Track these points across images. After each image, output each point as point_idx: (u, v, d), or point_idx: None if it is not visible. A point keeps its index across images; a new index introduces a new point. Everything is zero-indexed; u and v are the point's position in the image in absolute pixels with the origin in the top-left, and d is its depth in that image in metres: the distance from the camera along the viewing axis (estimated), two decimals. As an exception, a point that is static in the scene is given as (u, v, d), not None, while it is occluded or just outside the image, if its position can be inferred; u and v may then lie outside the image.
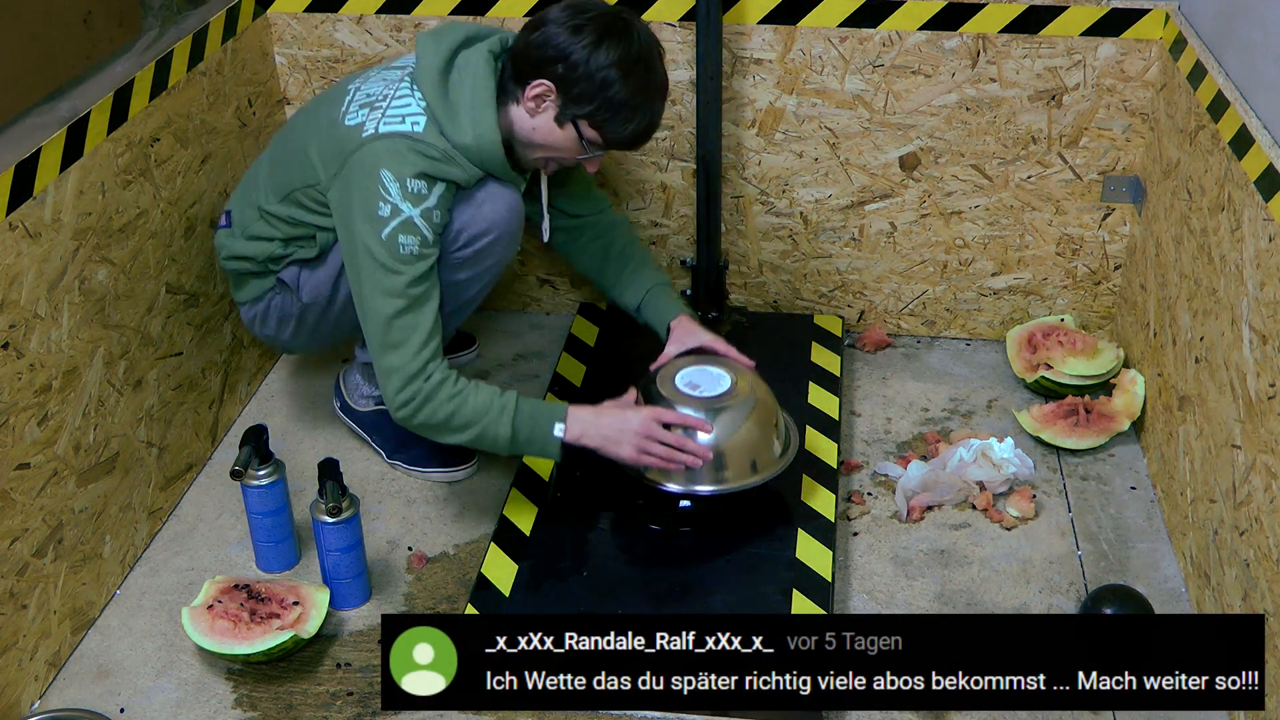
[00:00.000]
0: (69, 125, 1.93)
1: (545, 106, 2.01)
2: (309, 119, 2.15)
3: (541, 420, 2.04)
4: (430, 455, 2.37)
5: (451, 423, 2.02)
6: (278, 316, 2.25)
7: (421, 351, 2.00)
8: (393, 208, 1.96)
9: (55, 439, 1.93)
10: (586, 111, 1.99)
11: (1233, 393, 1.91)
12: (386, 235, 1.97)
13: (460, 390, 2.01)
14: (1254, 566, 1.79)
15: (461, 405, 2.01)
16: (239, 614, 1.95)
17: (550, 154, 2.08)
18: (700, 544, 2.13)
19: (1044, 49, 2.44)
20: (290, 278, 2.20)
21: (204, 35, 2.33)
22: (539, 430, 2.04)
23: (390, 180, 1.96)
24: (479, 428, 2.02)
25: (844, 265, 2.73)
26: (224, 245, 2.24)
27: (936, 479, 2.27)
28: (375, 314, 2.00)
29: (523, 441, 2.04)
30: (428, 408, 2.00)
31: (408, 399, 2.00)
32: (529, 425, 2.04)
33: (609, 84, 1.96)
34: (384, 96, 2.04)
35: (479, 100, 2.01)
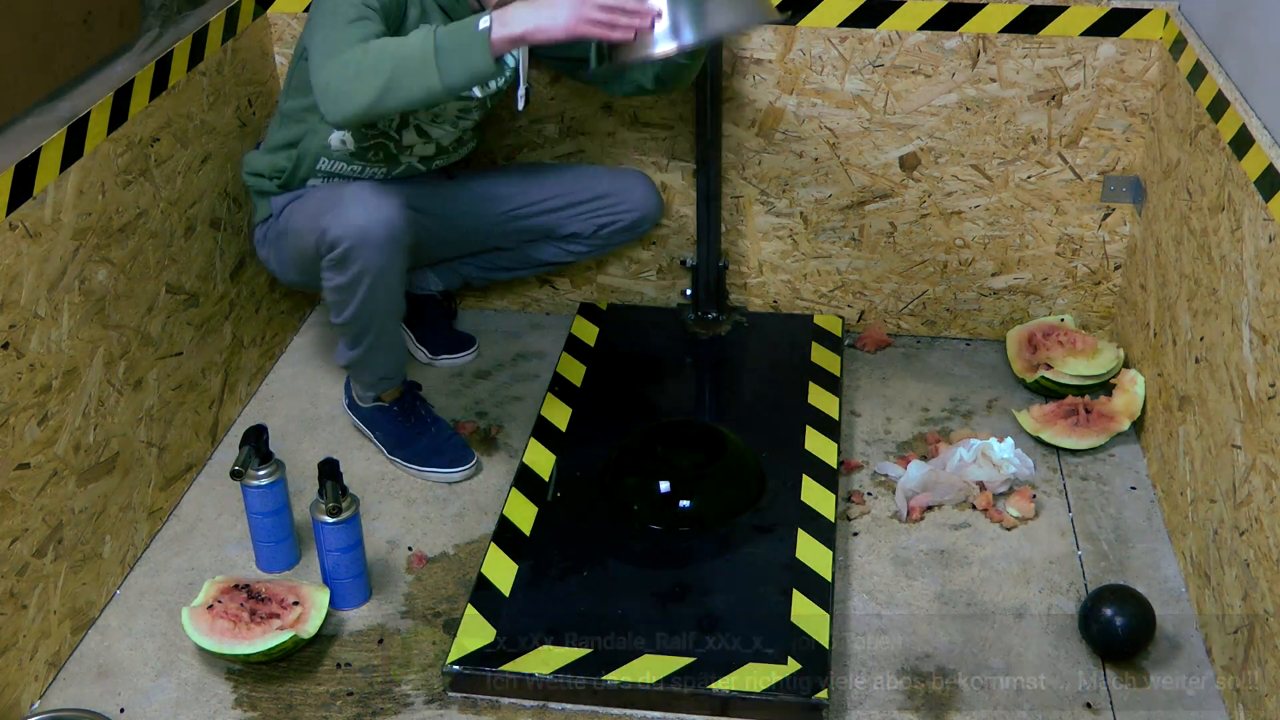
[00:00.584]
0: (69, 125, 1.93)
1: None
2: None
3: (464, 26, 1.91)
4: (430, 454, 2.37)
5: (363, 64, 1.92)
6: (264, 239, 2.39)
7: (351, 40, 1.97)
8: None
9: (55, 439, 1.93)
10: None
11: (1233, 393, 1.91)
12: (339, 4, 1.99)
13: (368, 37, 1.97)
14: (1254, 566, 1.79)
15: (370, 45, 1.93)
16: (239, 614, 1.95)
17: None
18: (700, 544, 2.13)
19: (1044, 49, 2.44)
20: (277, 205, 2.33)
21: (204, 35, 2.33)
22: (461, 34, 1.90)
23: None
24: (395, 55, 1.91)
25: (844, 265, 2.73)
26: (247, 161, 2.39)
27: (936, 479, 2.27)
28: (319, 32, 1.99)
29: (447, 50, 1.90)
30: (334, 65, 1.94)
31: (333, 63, 1.94)
32: (450, 35, 1.91)
33: None
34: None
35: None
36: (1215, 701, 1.89)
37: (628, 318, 2.79)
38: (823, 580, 2.03)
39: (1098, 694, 1.90)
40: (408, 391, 2.42)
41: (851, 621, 2.04)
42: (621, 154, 2.66)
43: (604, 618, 1.98)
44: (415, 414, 2.40)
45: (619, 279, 2.83)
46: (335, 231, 2.11)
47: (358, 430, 2.47)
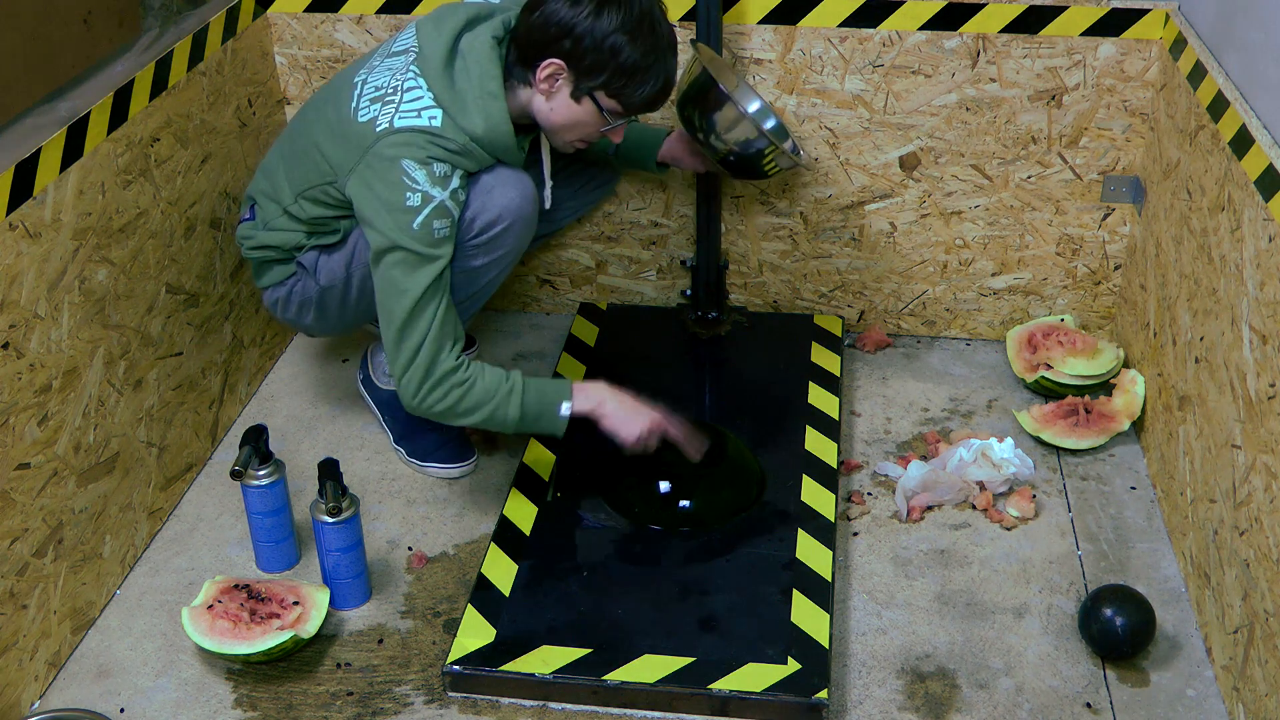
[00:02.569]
0: (69, 125, 1.93)
1: (559, 85, 2.01)
2: (317, 114, 2.14)
3: (548, 404, 2.07)
4: (432, 450, 2.37)
5: (458, 408, 2.04)
6: (299, 301, 2.26)
7: (437, 341, 2.01)
8: (423, 195, 1.97)
9: (55, 439, 1.93)
10: (601, 82, 1.98)
11: (1233, 393, 1.91)
12: (419, 223, 1.97)
13: (468, 377, 2.03)
14: (1254, 566, 1.79)
15: (469, 391, 2.02)
16: (239, 614, 1.95)
17: (576, 133, 2.08)
18: (700, 544, 2.13)
19: (1044, 49, 2.44)
20: (309, 261, 2.21)
21: (204, 35, 2.33)
22: (545, 414, 2.08)
23: (415, 168, 1.97)
24: (487, 410, 2.04)
25: (844, 265, 2.73)
26: (248, 236, 2.25)
27: (936, 479, 2.27)
28: (406, 297, 1.99)
29: (530, 420, 2.07)
30: (434, 394, 2.02)
31: (416, 389, 2.02)
32: (536, 404, 2.06)
33: (618, 50, 1.95)
34: (394, 89, 2.04)
35: (486, 90, 2.00)
36: (1215, 701, 1.89)
37: (628, 318, 2.79)
38: (823, 580, 2.03)
39: (1098, 694, 1.90)
40: None
41: (851, 621, 2.04)
42: (621, 154, 2.66)
43: (604, 618, 1.98)
44: None
45: (619, 279, 2.83)
46: (490, 214, 2.06)
47: (367, 408, 2.48)
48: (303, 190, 2.14)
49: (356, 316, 2.29)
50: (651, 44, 1.98)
